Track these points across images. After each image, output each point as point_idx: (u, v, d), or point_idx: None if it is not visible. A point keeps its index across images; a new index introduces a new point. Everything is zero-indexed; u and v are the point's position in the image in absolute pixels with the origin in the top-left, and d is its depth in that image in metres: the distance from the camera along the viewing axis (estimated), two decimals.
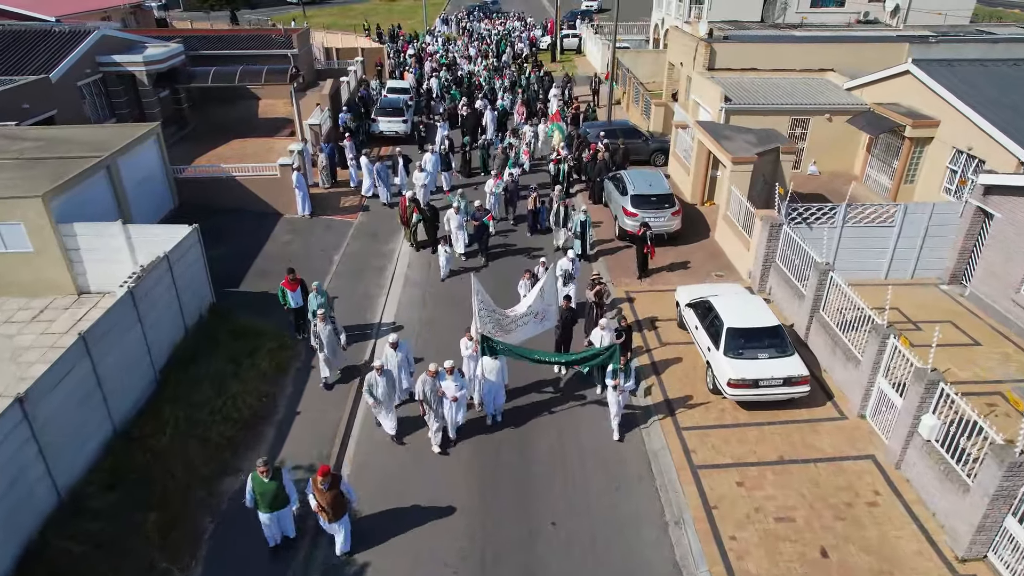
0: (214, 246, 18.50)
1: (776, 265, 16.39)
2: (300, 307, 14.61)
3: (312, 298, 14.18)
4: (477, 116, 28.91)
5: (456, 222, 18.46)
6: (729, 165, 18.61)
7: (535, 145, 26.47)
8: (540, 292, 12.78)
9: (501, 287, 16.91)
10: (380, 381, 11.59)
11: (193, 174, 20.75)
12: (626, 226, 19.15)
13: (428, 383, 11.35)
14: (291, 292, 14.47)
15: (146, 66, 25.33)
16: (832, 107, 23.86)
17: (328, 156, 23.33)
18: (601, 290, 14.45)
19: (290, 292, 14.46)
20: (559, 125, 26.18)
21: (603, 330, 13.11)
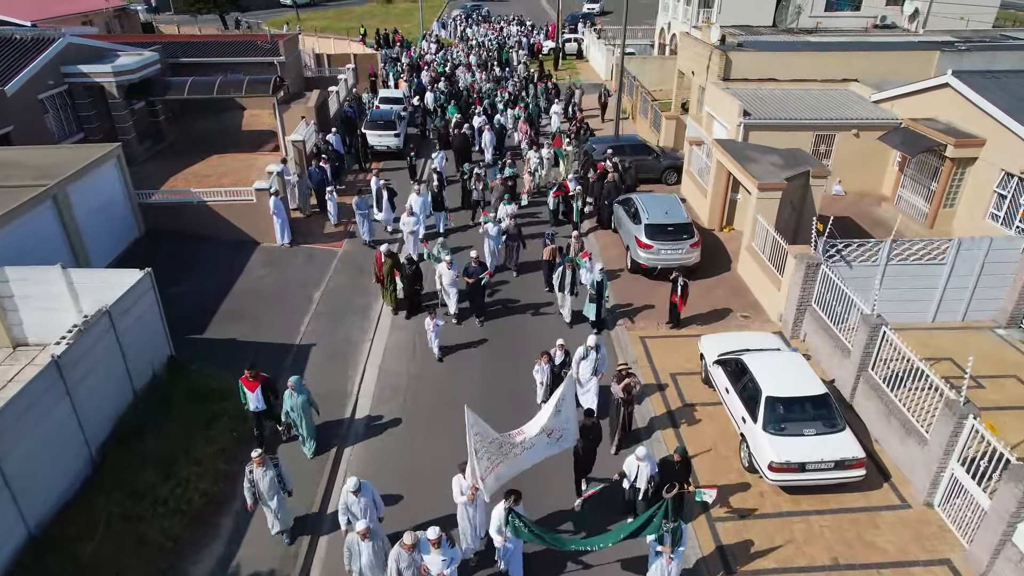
0: (179, 281, 16.73)
1: (812, 309, 14.45)
2: (263, 410, 11.51)
3: (287, 397, 11.26)
4: (466, 138, 25.57)
5: (448, 279, 15.58)
6: (755, 192, 16.67)
7: (539, 174, 23.51)
8: (556, 408, 9.39)
9: (504, 366, 14.40)
10: (364, 548, 8.48)
11: (160, 199, 18.77)
12: (639, 259, 17.20)
13: (404, 559, 8.18)
14: (250, 392, 11.27)
15: (116, 77, 23.38)
16: (860, 122, 21.93)
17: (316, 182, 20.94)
18: (631, 384, 11.57)
19: (249, 392, 11.27)
20: (562, 151, 23.91)
21: (640, 461, 9.67)
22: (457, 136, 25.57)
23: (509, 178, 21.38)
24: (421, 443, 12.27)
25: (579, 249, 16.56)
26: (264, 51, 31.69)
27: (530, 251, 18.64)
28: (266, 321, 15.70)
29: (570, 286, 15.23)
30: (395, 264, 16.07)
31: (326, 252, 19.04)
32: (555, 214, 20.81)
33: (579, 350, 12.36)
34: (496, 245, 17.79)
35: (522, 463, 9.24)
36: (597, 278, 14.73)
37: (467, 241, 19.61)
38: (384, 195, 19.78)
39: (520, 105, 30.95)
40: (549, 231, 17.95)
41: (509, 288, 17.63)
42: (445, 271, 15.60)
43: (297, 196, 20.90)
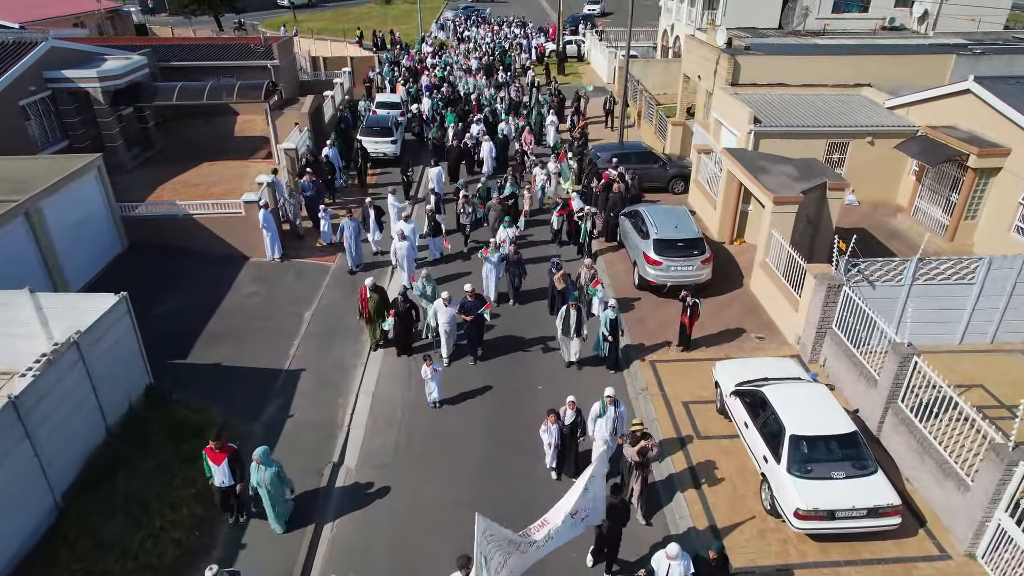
0: (163, 300, 15.89)
1: (833, 332, 13.57)
2: (230, 486, 9.90)
3: (253, 471, 9.75)
4: (462, 152, 24.45)
5: (446, 317, 13.82)
6: (770, 205, 15.80)
7: (546, 191, 22.05)
8: (584, 487, 8.10)
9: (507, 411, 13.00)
10: None
11: (145, 212, 17.88)
12: (647, 276, 16.33)
13: None
14: (216, 466, 9.71)
15: (101, 82, 22.47)
16: (875, 129, 21.07)
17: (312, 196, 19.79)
18: (646, 447, 10.08)
19: (215, 466, 9.72)
20: (565, 166, 22.61)
21: (672, 559, 8.29)
22: (452, 148, 24.32)
23: (509, 197, 19.90)
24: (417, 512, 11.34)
25: (591, 278, 15.37)
26: (257, 54, 30.81)
27: (532, 278, 17.04)
28: (253, 344, 14.82)
29: (575, 327, 13.49)
30: (383, 300, 14.28)
31: (318, 267, 18.16)
32: (557, 235, 19.49)
33: (595, 407, 10.86)
34: (497, 274, 16.20)
35: (540, 554, 8.03)
36: (611, 316, 13.39)
37: (462, 268, 18.32)
38: (371, 214, 18.28)
39: (521, 114, 29.47)
40: (555, 258, 16.27)
41: (510, 321, 16.00)
42: (442, 309, 13.82)
43: (289, 211, 19.42)
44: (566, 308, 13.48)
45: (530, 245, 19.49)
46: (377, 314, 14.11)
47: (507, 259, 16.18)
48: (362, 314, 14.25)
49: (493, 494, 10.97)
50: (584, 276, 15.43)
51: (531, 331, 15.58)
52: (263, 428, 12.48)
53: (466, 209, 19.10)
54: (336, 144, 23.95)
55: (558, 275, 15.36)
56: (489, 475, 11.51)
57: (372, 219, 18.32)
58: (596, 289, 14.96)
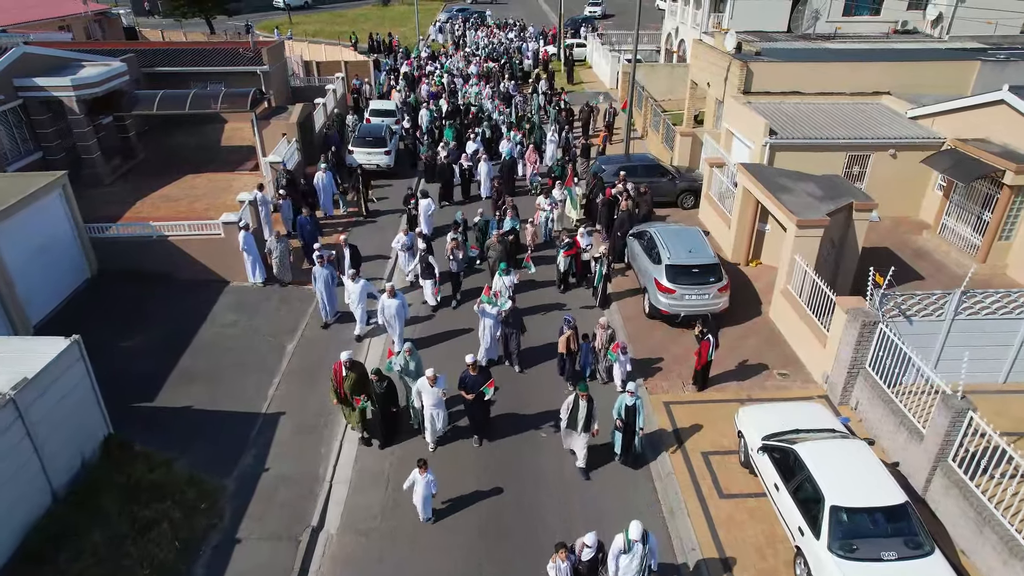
0: (133, 331, 14.65)
1: (866, 373, 12.29)
2: None
3: None
4: (451, 171, 22.52)
5: (433, 399, 11.30)
6: (793, 229, 14.52)
7: (551, 223, 19.49)
8: None
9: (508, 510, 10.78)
10: None
11: (116, 234, 16.58)
12: (659, 304, 15.03)
13: None
14: None
15: (76, 90, 21.18)
16: (898, 141, 19.80)
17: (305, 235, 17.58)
18: None
19: None
20: (572, 191, 20.17)
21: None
22: (444, 166, 22.43)
23: (509, 233, 17.38)
24: None
25: (610, 339, 13.17)
26: (246, 60, 29.52)
27: (538, 332, 14.87)
28: (229, 382, 13.53)
29: (584, 422, 10.78)
30: (363, 379, 11.56)
31: (304, 292, 16.81)
32: (564, 278, 17.01)
33: (617, 541, 8.50)
34: (494, 331, 13.84)
35: None
36: (628, 402, 10.89)
37: (454, 324, 15.71)
38: (346, 253, 15.86)
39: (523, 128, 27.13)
40: (569, 316, 13.30)
41: (512, 391, 13.30)
42: (427, 389, 11.18)
43: (275, 261, 16.47)
44: (574, 398, 10.92)
45: (532, 286, 17.20)
46: (355, 394, 11.52)
47: (507, 317, 13.57)
48: (337, 394, 11.63)
49: None
50: (600, 338, 13.24)
51: (538, 403, 13.04)
52: (236, 483, 11.19)
53: (456, 255, 15.98)
54: (330, 165, 21.53)
55: (563, 337, 12.97)
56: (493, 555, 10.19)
57: (347, 260, 15.94)
58: (616, 354, 12.83)
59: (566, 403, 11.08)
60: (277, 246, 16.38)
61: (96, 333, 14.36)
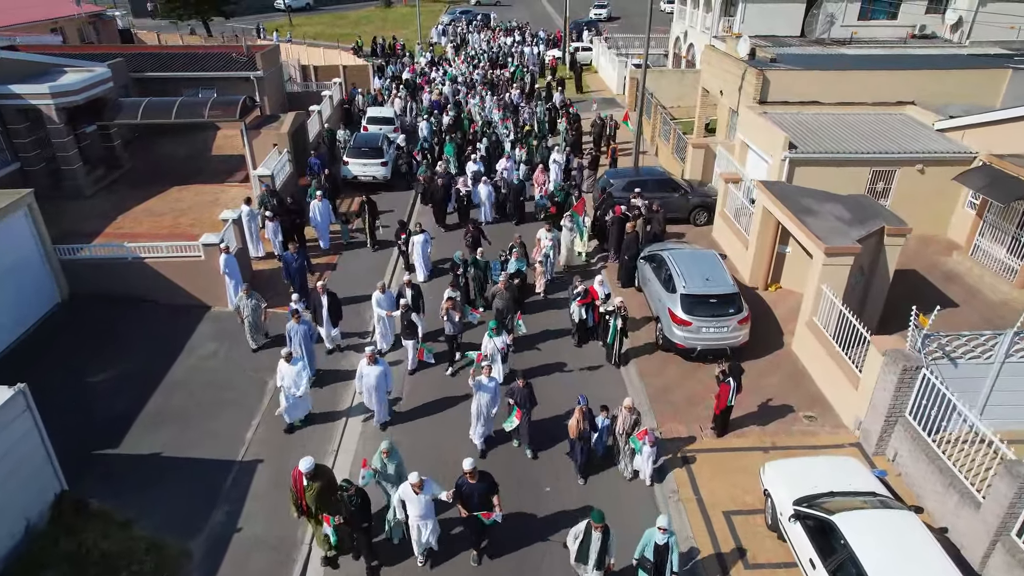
0: (102, 364, 13.59)
1: (906, 422, 11.07)
2: None
3: None
4: (446, 192, 20.42)
5: (419, 508, 9.10)
6: (821, 256, 13.30)
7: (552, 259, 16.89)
8: None
9: None
10: None
11: (88, 255, 15.44)
12: (674, 337, 13.83)
13: None
14: None
15: (55, 98, 20.08)
16: (926, 156, 18.57)
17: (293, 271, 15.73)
18: None
19: None
20: (580, 221, 18.02)
21: None
22: (438, 186, 20.42)
23: (515, 275, 15.13)
24: None
25: (633, 424, 10.94)
26: (239, 65, 28.44)
27: (548, 400, 12.47)
28: (204, 424, 12.38)
29: (596, 558, 8.60)
30: (329, 487, 9.27)
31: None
32: (581, 331, 14.63)
33: None
34: (494, 407, 11.49)
35: None
36: (659, 540, 8.42)
37: (446, 392, 13.30)
38: (323, 301, 13.75)
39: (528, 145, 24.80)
40: (583, 397, 11.00)
41: (521, 481, 11.13)
42: (411, 498, 9.04)
43: (245, 321, 13.96)
44: (586, 527, 8.61)
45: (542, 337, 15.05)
46: (321, 509, 9.17)
47: (512, 390, 11.26)
48: (298, 506, 9.40)
49: None
50: (623, 422, 11.06)
51: (552, 499, 10.86)
52: (204, 547, 10.03)
53: (452, 316, 13.47)
54: (325, 190, 19.27)
55: (574, 419, 10.66)
56: None
57: (325, 307, 13.80)
58: (642, 443, 10.65)
59: (574, 532, 8.83)
60: (247, 303, 13.73)
61: (62, 367, 13.41)
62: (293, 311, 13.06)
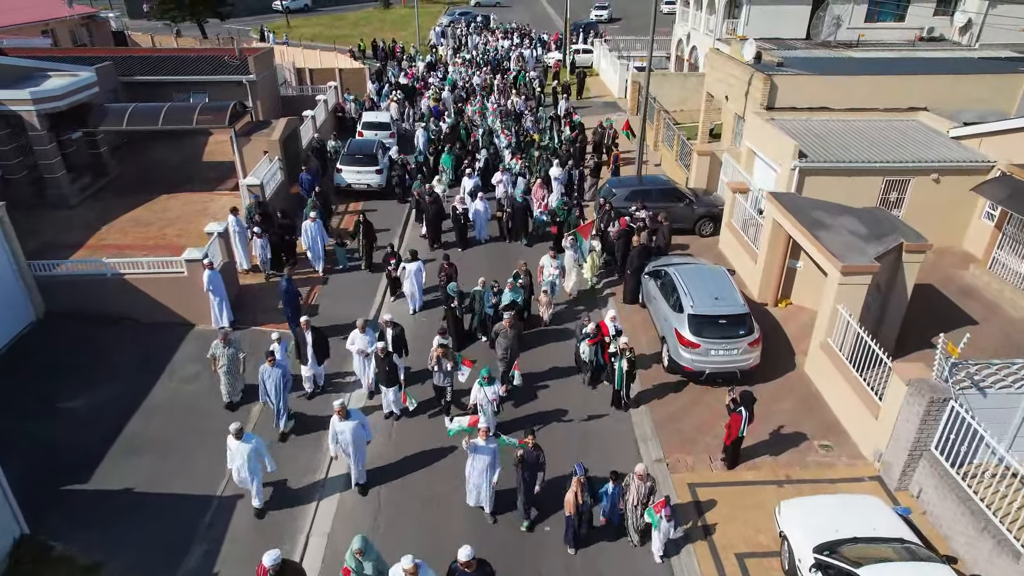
0: (76, 387, 12.95)
1: (932, 456, 10.33)
2: None
3: None
4: (440, 209, 19.25)
5: None
6: (836, 275, 12.57)
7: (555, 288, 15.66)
8: None
9: None
10: None
11: (65, 272, 14.71)
12: (681, 360, 13.09)
13: None
14: None
15: (36, 104, 19.34)
16: (942, 165, 17.85)
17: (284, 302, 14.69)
18: None
19: None
20: (586, 246, 16.59)
21: None
22: (429, 203, 19.09)
23: (509, 307, 13.70)
24: None
25: (648, 493, 9.57)
26: (231, 68, 27.72)
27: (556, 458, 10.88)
28: (183, 454, 11.65)
29: None
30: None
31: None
32: (593, 372, 13.30)
33: None
34: (492, 474, 10.11)
35: None
36: None
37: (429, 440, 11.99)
38: (308, 339, 12.55)
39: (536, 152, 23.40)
40: (580, 466, 9.62)
41: (529, 556, 9.93)
42: None
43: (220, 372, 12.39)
44: None
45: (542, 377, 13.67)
46: None
47: (522, 458, 9.82)
48: None
49: None
50: (637, 492, 9.56)
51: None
52: None
53: (443, 365, 11.96)
54: (319, 211, 18.10)
55: (571, 492, 9.43)
56: None
57: (310, 343, 12.54)
58: (659, 517, 9.42)
59: None
60: (224, 352, 12.07)
61: (32, 392, 12.71)
62: (268, 353, 11.68)
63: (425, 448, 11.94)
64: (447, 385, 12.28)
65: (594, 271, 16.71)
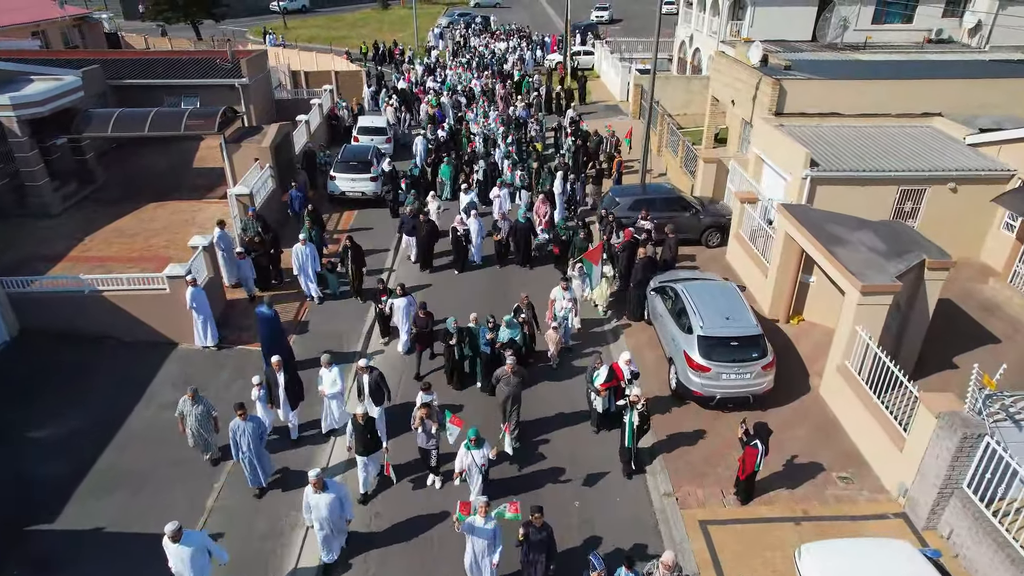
0: (47, 414, 12.30)
1: (965, 495, 9.59)
2: None
3: None
4: (432, 231, 17.74)
5: None
6: (855, 295, 11.82)
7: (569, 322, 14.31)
8: None
9: None
10: None
11: (40, 289, 13.96)
12: (690, 384, 12.35)
13: None
14: None
15: (16, 110, 18.64)
16: (960, 173, 17.11)
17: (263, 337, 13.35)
18: None
19: None
20: (596, 271, 15.08)
21: None
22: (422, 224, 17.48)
23: (507, 345, 12.38)
24: None
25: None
26: (224, 72, 27.00)
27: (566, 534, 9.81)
28: (158, 488, 10.90)
29: None
30: None
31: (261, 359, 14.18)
32: (604, 420, 11.99)
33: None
34: (492, 554, 8.78)
35: None
36: None
37: (413, 506, 10.63)
38: (279, 379, 11.36)
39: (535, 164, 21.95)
40: (596, 558, 8.23)
41: None
42: None
43: (188, 432, 11.04)
44: None
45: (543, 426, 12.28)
46: None
47: (527, 538, 8.55)
48: None
49: None
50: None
51: None
52: None
53: (427, 426, 10.41)
54: (314, 235, 16.78)
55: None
56: None
57: (282, 388, 11.36)
58: None
59: None
60: (192, 410, 10.70)
61: (0, 417, 11.89)
62: (239, 407, 10.26)
63: (409, 516, 10.47)
64: (432, 448, 10.62)
65: (604, 299, 15.45)
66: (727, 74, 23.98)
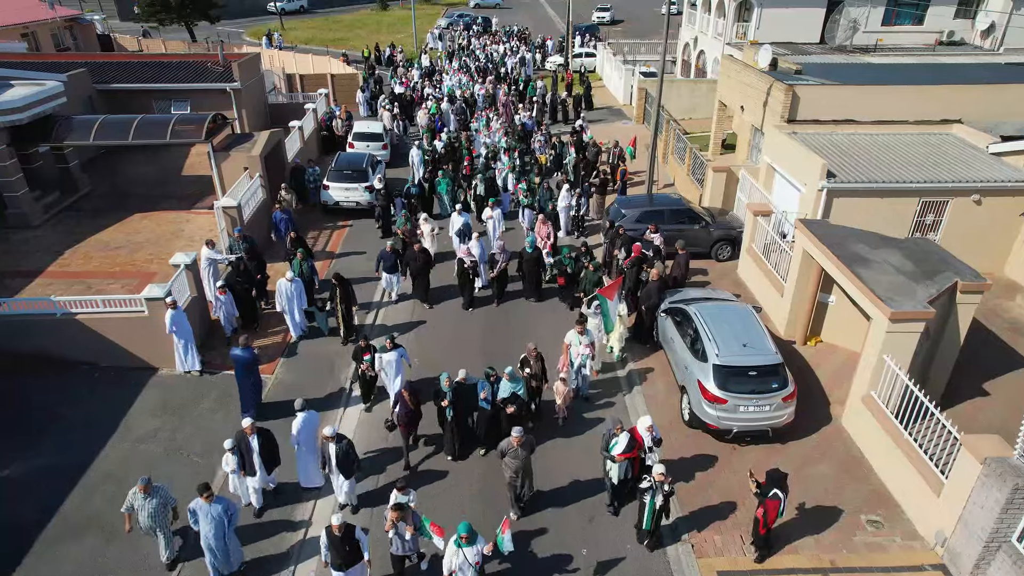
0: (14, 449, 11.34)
1: (1015, 550, 8.71)
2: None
3: None
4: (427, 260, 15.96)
5: None
6: (884, 321, 10.94)
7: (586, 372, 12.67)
8: None
9: None
10: None
11: (8, 311, 13.08)
12: (705, 417, 11.48)
13: None
14: None
15: None
16: (985, 184, 16.26)
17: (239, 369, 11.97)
18: None
19: None
20: (611, 308, 13.30)
21: None
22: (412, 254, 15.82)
23: (509, 402, 10.99)
24: None
25: None
26: (215, 76, 26.14)
27: None
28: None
29: None
30: None
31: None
32: (620, 493, 10.38)
33: None
34: None
35: None
36: None
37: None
38: (253, 446, 9.92)
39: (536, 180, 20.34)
40: None
41: None
42: None
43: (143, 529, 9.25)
44: None
45: (551, 500, 10.71)
46: None
47: None
48: None
49: None
50: None
51: None
52: None
53: (401, 531, 8.76)
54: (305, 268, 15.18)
55: None
56: None
57: (256, 453, 9.95)
58: None
59: None
60: (145, 504, 8.98)
61: None
62: (203, 487, 8.80)
63: None
64: (410, 552, 9.14)
65: (621, 340, 13.80)
66: (736, 78, 23.14)
